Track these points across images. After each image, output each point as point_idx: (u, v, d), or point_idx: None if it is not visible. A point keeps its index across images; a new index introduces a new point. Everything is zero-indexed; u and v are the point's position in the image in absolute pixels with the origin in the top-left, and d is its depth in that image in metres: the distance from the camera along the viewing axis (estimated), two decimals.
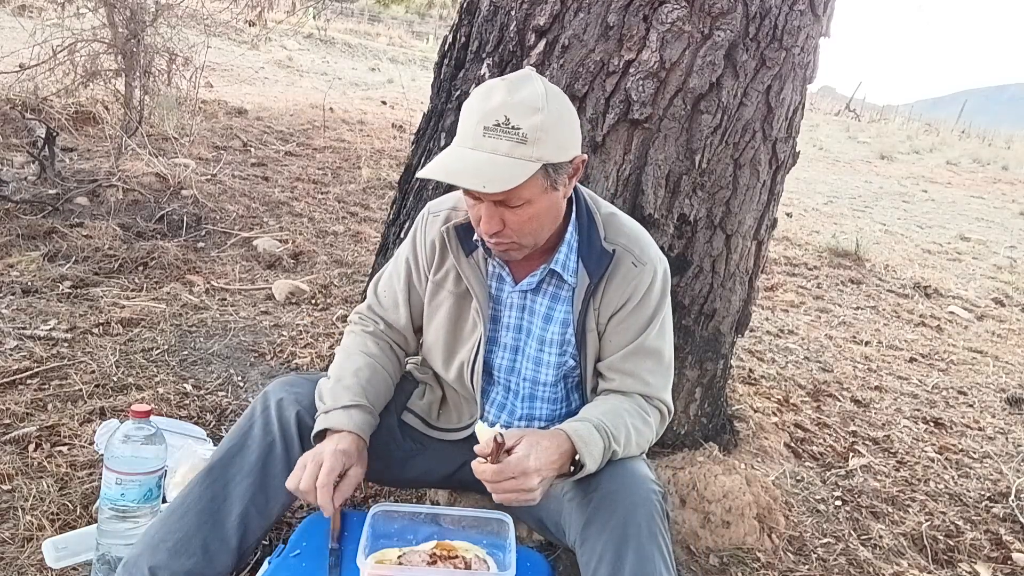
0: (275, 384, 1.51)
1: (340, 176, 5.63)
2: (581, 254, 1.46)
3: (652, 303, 1.48)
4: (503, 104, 1.26)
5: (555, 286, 1.49)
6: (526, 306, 1.51)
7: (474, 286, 1.49)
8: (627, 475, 1.35)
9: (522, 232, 1.35)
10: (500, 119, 1.25)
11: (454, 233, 1.50)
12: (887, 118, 29.47)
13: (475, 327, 1.51)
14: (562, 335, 1.50)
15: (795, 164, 2.28)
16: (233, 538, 1.35)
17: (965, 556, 2.07)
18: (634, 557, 1.24)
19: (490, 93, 1.29)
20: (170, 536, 1.33)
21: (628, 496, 1.31)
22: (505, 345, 1.54)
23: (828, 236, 6.10)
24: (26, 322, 2.60)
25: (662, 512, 1.32)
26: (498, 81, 1.31)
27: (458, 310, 1.53)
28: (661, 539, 1.28)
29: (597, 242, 1.46)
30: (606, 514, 1.29)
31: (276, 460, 1.40)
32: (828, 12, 2.10)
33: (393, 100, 10.52)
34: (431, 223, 1.54)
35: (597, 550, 1.27)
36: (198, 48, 5.60)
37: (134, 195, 4.07)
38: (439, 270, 1.54)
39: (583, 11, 1.91)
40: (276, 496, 1.40)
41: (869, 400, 3.11)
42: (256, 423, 1.43)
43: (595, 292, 1.46)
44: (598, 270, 1.44)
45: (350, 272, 3.62)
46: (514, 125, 1.25)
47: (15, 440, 1.94)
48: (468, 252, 1.49)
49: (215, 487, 1.37)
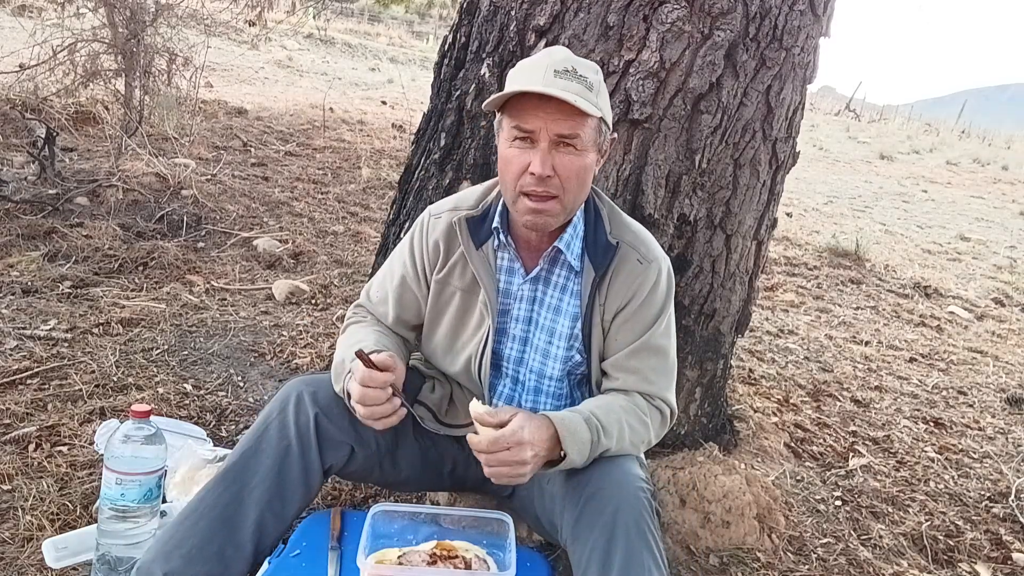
0: (292, 384, 1.49)
1: (340, 176, 5.63)
2: (587, 244, 1.48)
3: (658, 301, 1.49)
4: (569, 57, 1.38)
5: (564, 277, 1.50)
6: (536, 297, 1.52)
7: (483, 277, 1.49)
8: (616, 473, 1.36)
9: (567, 184, 1.38)
10: (569, 67, 1.34)
11: (465, 227, 1.50)
12: (887, 118, 29.47)
13: (483, 320, 1.51)
14: (571, 329, 1.51)
15: (795, 164, 2.28)
16: (248, 544, 1.34)
17: (965, 556, 2.07)
18: (623, 554, 1.25)
19: (551, 50, 1.41)
20: (185, 542, 1.31)
21: (616, 494, 1.31)
22: (514, 336, 1.54)
23: (828, 236, 6.10)
24: (26, 322, 2.60)
25: (650, 509, 1.32)
26: (546, 48, 1.47)
27: (465, 305, 1.54)
28: (650, 535, 1.28)
29: (603, 235, 1.48)
30: (595, 512, 1.30)
31: (292, 464, 1.39)
32: (828, 12, 2.10)
33: (393, 100, 10.52)
34: (433, 225, 1.55)
35: (587, 548, 1.28)
36: (198, 48, 5.60)
37: (134, 195, 4.06)
38: (443, 268, 1.54)
39: (583, 11, 1.91)
40: (292, 500, 1.39)
41: (869, 400, 3.11)
42: (272, 426, 1.41)
43: (600, 286, 1.47)
44: (603, 262, 1.46)
45: (350, 272, 3.62)
46: (582, 74, 1.35)
47: (15, 440, 1.94)
48: (479, 244, 1.50)
49: (230, 492, 1.35)
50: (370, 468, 1.52)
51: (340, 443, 1.45)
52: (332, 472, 1.48)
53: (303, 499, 1.40)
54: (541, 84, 1.32)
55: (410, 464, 1.57)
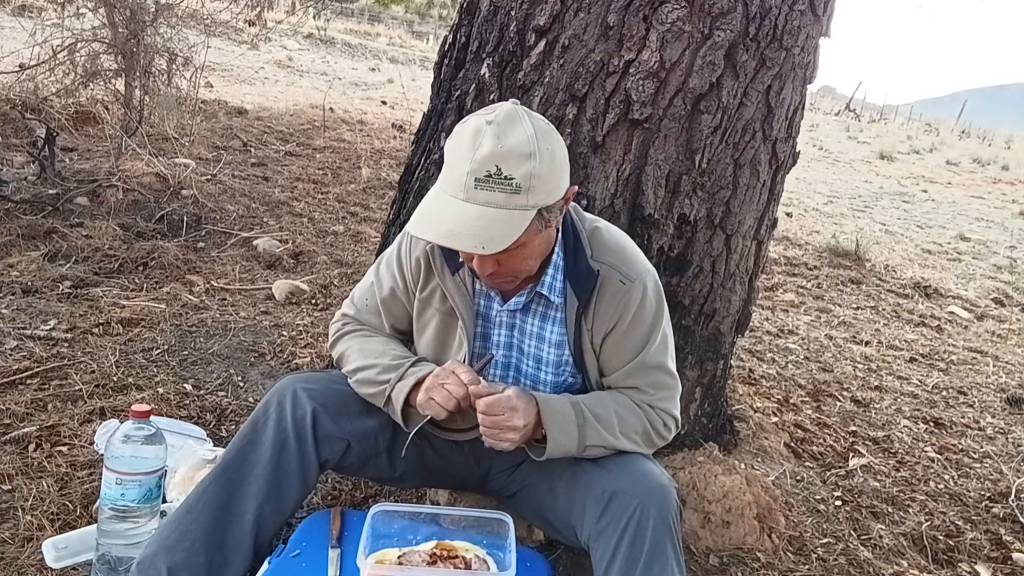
0: (288, 380, 1.49)
1: (340, 176, 5.63)
2: (568, 273, 1.43)
3: (647, 319, 1.46)
4: (492, 154, 1.21)
5: (543, 306, 1.48)
6: (516, 325, 1.50)
7: (459, 305, 1.46)
8: (640, 472, 1.37)
9: (517, 269, 1.36)
10: (491, 169, 1.21)
11: (439, 252, 1.46)
12: (887, 118, 29.47)
13: (461, 345, 1.50)
14: (559, 356, 1.48)
15: (795, 164, 2.28)
16: (248, 536, 1.36)
17: (965, 556, 2.07)
18: (649, 550, 1.26)
19: (477, 139, 1.23)
20: (187, 535, 1.32)
21: (643, 491, 1.32)
22: (497, 363, 1.53)
23: (828, 236, 6.10)
24: (26, 322, 2.60)
25: (677, 509, 1.33)
26: (482, 123, 1.24)
27: (445, 328, 1.52)
28: (675, 533, 1.30)
29: (584, 261, 1.43)
30: (621, 508, 1.31)
31: (289, 457, 1.40)
32: (828, 12, 2.10)
33: (393, 100, 10.52)
34: (414, 242, 1.51)
35: (612, 543, 1.29)
36: (198, 48, 5.59)
37: (134, 195, 4.06)
38: (424, 288, 1.52)
39: (583, 11, 1.91)
40: (290, 493, 1.40)
41: (869, 400, 3.11)
42: (270, 419, 1.42)
43: (585, 312, 1.44)
44: (585, 290, 1.42)
45: (350, 272, 3.62)
46: (506, 175, 1.21)
47: (15, 440, 1.94)
48: (454, 271, 1.46)
49: (230, 485, 1.37)
50: (366, 463, 1.53)
51: (336, 438, 1.45)
52: (328, 466, 1.49)
53: (301, 492, 1.42)
54: (463, 198, 1.22)
55: (407, 461, 1.57)
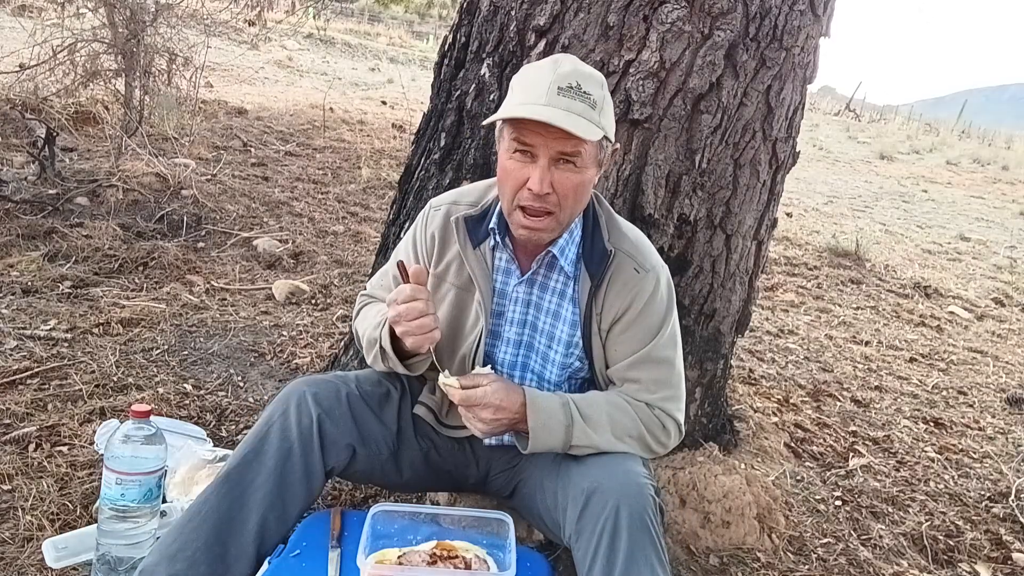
0: (293, 385, 1.48)
1: (340, 176, 5.63)
2: (584, 250, 1.47)
3: (658, 311, 1.48)
4: (575, 71, 1.34)
5: (562, 283, 1.50)
6: (532, 301, 1.52)
7: (478, 277, 1.49)
8: (618, 469, 1.36)
9: (564, 202, 1.38)
10: (573, 83, 1.32)
11: (463, 225, 1.51)
12: (887, 118, 29.45)
13: (477, 320, 1.51)
14: (570, 336, 1.50)
15: (795, 164, 2.28)
16: (251, 546, 1.34)
17: (965, 556, 2.07)
18: (626, 550, 1.25)
19: (556, 63, 1.37)
20: (189, 545, 1.30)
21: (619, 489, 1.31)
22: (509, 340, 1.53)
23: (828, 236, 6.10)
24: (26, 322, 2.60)
25: (655, 506, 1.32)
26: (554, 57, 1.40)
27: (460, 303, 1.53)
28: (654, 532, 1.28)
29: (600, 242, 1.47)
30: (598, 507, 1.30)
31: (294, 466, 1.38)
32: (828, 12, 2.10)
33: (393, 100, 10.51)
34: (432, 217, 1.56)
35: (591, 544, 1.28)
36: (198, 48, 5.58)
37: (134, 195, 4.06)
38: (439, 263, 1.54)
39: (583, 11, 1.91)
40: (294, 502, 1.38)
41: (869, 400, 3.11)
42: (274, 428, 1.40)
43: (596, 295, 1.46)
44: (599, 270, 1.45)
45: (350, 272, 3.62)
46: (586, 91, 1.33)
47: (15, 440, 1.94)
48: (476, 244, 1.50)
49: (232, 495, 1.35)
50: (372, 469, 1.52)
51: (342, 445, 1.44)
52: (334, 474, 1.48)
53: (305, 501, 1.40)
54: (544, 103, 1.31)
55: (411, 465, 1.57)
